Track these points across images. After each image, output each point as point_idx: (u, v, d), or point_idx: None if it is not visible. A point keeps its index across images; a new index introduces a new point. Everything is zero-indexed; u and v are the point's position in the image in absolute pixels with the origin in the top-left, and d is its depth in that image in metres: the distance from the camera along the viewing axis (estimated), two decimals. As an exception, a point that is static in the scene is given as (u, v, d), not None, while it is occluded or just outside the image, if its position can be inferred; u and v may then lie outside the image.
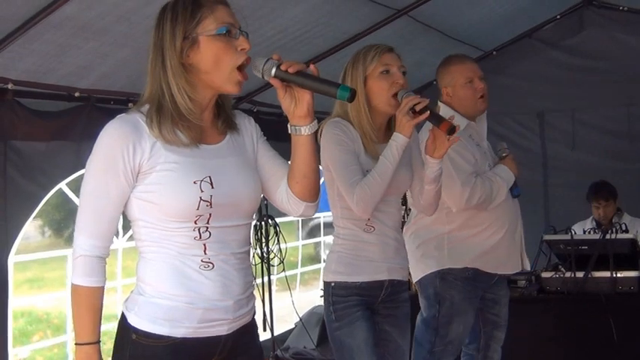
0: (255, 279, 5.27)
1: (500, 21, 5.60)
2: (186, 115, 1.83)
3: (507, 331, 3.54)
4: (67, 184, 3.93)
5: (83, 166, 3.97)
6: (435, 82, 3.67)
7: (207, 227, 1.84)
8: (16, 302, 6.15)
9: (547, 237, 4.41)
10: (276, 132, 2.43)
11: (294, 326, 6.12)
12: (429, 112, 2.65)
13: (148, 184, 1.82)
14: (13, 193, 3.47)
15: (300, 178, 1.95)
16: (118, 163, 1.80)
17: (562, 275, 4.32)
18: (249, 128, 2.03)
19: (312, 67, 1.85)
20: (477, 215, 3.28)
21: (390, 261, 2.83)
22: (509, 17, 5.59)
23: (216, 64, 1.83)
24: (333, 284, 2.79)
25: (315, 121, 1.92)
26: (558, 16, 6.09)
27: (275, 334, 5.34)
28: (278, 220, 5.52)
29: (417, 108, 2.64)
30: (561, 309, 4.33)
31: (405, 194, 3.10)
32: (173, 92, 1.82)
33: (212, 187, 1.82)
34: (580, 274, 4.24)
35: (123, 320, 1.88)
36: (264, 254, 5.38)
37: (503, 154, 3.41)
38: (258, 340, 2.06)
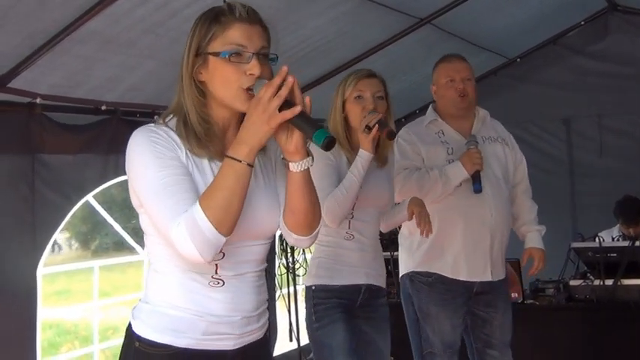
0: (281, 289, 5.34)
1: (523, 28, 5.57)
2: (197, 134, 1.75)
3: (536, 339, 3.50)
4: (93, 197, 3.96)
5: (110, 179, 4.02)
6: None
7: (221, 248, 1.72)
8: (44, 314, 6.21)
9: (575, 245, 4.38)
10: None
11: (320, 336, 6.11)
12: (377, 125, 2.88)
13: None
14: (41, 206, 3.52)
15: (289, 212, 1.84)
16: (165, 151, 1.71)
17: (591, 283, 4.29)
18: (273, 146, 1.90)
19: (307, 99, 1.69)
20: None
21: (368, 266, 3.03)
22: (532, 24, 5.55)
23: (222, 85, 1.74)
24: (314, 287, 2.98)
25: (308, 159, 1.75)
26: (582, 22, 6.04)
27: (301, 344, 5.33)
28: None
29: (371, 125, 2.89)
30: (590, 317, 4.29)
31: None
32: (188, 108, 1.76)
33: None
34: (609, 282, 4.20)
35: (129, 328, 1.84)
36: (290, 264, 5.39)
37: (469, 148, 3.28)
38: (271, 357, 1.99)
